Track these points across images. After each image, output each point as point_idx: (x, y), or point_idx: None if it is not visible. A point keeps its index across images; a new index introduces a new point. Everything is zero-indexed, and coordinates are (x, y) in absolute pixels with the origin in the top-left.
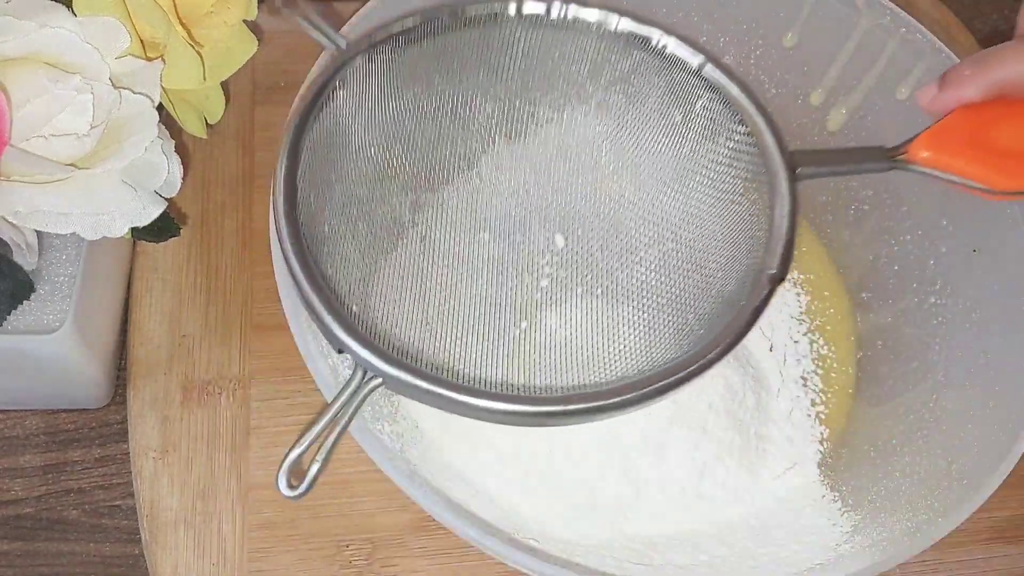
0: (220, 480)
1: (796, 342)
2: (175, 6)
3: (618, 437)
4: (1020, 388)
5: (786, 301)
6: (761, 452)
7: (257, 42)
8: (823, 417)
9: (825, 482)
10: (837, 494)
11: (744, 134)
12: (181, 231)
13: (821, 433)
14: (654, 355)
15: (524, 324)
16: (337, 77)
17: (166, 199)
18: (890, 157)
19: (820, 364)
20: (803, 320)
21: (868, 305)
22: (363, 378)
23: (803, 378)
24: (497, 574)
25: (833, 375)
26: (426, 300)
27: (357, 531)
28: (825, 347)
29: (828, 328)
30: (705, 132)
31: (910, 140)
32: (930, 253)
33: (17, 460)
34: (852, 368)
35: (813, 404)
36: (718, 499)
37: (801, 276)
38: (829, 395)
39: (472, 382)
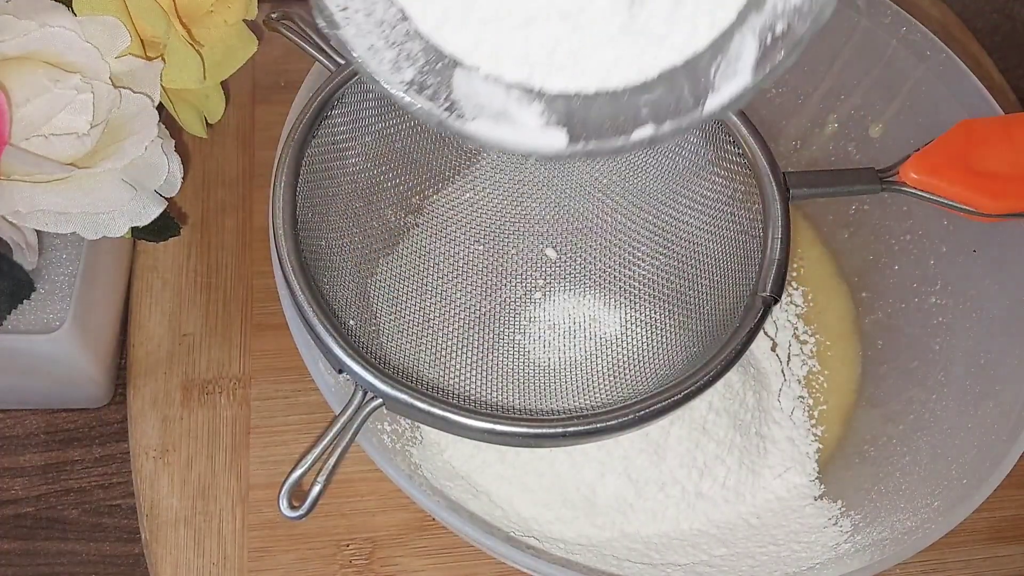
0: (220, 479)
1: (797, 342)
2: (175, 6)
3: (618, 437)
4: (1020, 388)
5: (787, 301)
6: (761, 451)
7: (257, 42)
8: (823, 416)
9: (825, 481)
10: (837, 493)
11: (738, 155)
12: (181, 230)
13: (821, 432)
14: (649, 374)
15: (519, 337)
16: (335, 95)
17: (166, 198)
18: (881, 179)
19: (821, 364)
20: (804, 320)
21: (868, 305)
22: (363, 399)
23: (804, 378)
24: (497, 574)
25: (834, 375)
26: (421, 312)
27: (357, 531)
28: (826, 347)
29: (828, 328)
30: (699, 152)
31: (900, 162)
32: (930, 253)
33: (17, 459)
34: (852, 368)
35: (814, 404)
36: (718, 499)
37: (802, 276)
38: (830, 395)
39: (472, 403)
